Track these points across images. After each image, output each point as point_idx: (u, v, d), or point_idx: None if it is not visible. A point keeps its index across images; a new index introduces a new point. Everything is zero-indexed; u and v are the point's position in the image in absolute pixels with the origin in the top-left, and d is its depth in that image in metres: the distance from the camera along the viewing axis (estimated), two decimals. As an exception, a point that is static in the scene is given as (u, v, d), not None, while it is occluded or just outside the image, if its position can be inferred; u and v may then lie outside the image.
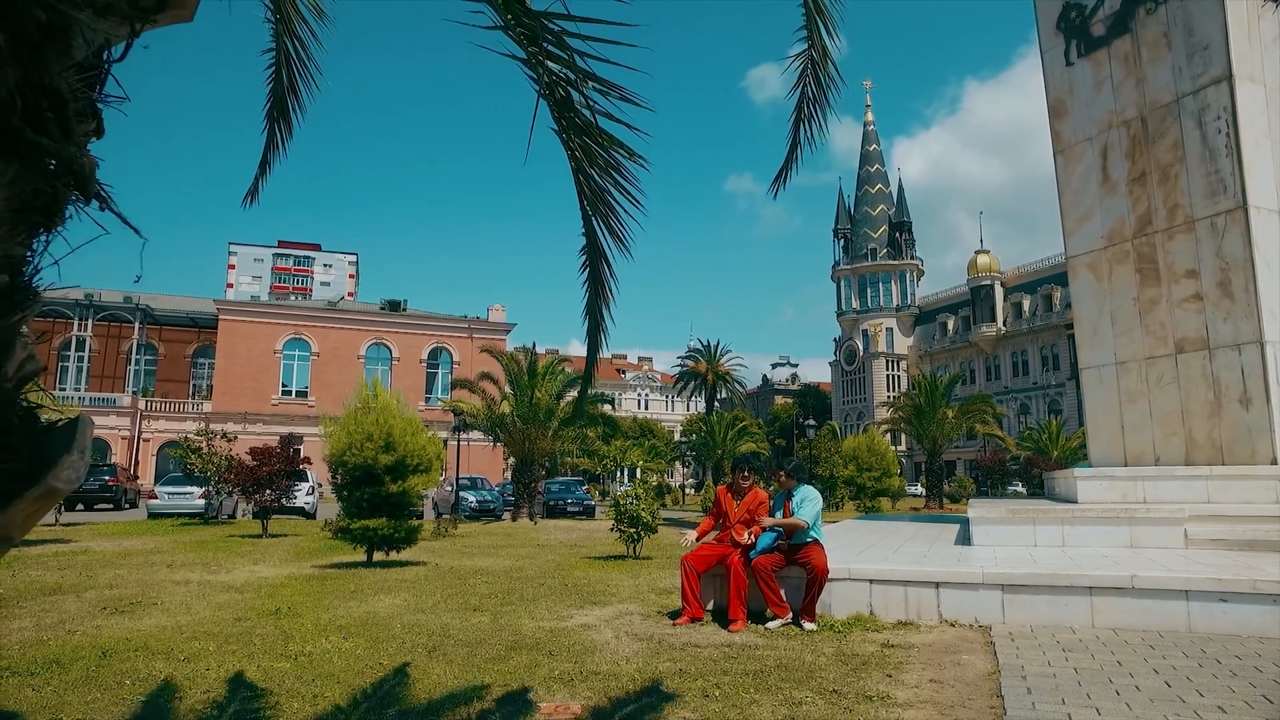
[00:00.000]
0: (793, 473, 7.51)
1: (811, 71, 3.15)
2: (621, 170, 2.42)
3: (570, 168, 2.53)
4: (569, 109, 2.33)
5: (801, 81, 3.18)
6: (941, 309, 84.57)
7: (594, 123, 2.32)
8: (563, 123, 2.39)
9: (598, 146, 2.39)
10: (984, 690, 4.69)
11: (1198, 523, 8.53)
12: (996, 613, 6.59)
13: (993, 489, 45.54)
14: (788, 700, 4.53)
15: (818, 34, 3.04)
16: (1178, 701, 4.26)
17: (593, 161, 2.45)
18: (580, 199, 2.60)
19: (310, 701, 4.60)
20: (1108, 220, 11.95)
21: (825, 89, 3.18)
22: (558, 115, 2.37)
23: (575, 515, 29.33)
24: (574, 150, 2.46)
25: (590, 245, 2.71)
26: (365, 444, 11.40)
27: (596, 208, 2.56)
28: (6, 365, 0.65)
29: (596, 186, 2.50)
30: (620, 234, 2.58)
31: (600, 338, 2.79)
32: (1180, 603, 6.11)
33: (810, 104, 3.23)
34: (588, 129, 2.36)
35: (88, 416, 0.74)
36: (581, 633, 6.60)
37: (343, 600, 8.50)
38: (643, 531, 12.62)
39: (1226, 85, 10.28)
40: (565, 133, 2.42)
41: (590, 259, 2.76)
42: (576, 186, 2.57)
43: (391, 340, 56.48)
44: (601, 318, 2.80)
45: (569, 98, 2.31)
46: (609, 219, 2.56)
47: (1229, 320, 10.22)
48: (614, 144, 2.37)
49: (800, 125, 3.27)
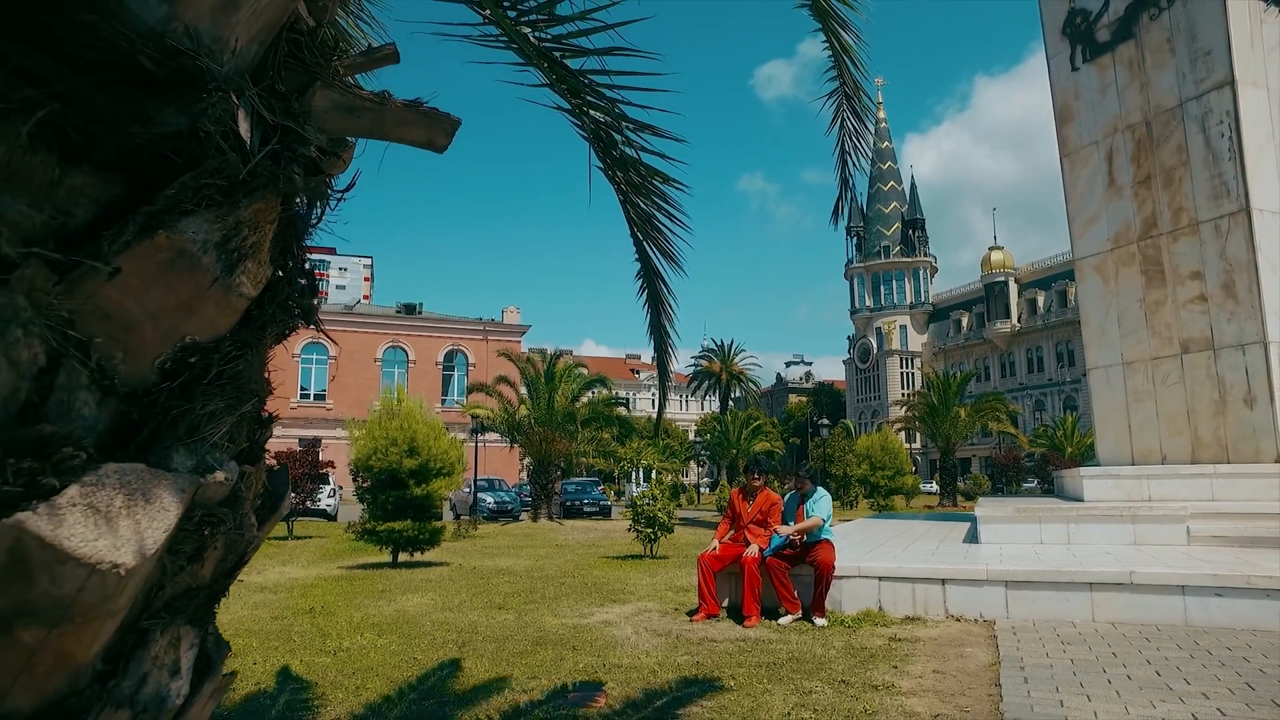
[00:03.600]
0: (810, 478, 7.91)
1: (847, 105, 3.33)
2: (664, 196, 2.74)
3: (618, 199, 2.84)
4: (612, 148, 2.65)
5: (838, 116, 3.32)
6: (955, 306, 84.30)
7: (635, 157, 2.64)
8: (607, 160, 2.70)
9: (640, 178, 2.70)
10: (984, 680, 4.97)
11: (1200, 520, 8.75)
12: (1000, 608, 6.86)
13: (1008, 486, 45.59)
14: (798, 690, 4.84)
15: (846, 70, 3.20)
16: (1165, 689, 4.53)
17: (637, 191, 2.76)
18: (630, 225, 2.92)
19: (353, 693, 4.94)
20: (1114, 223, 12.15)
21: (863, 118, 3.36)
22: (602, 154, 2.69)
23: (591, 515, 29.67)
24: (619, 184, 2.77)
25: (645, 267, 3.03)
26: (390, 449, 11.78)
27: (646, 232, 2.88)
28: (260, 463, 0.94)
29: (643, 213, 2.82)
30: (670, 253, 2.90)
31: (668, 353, 3.09)
32: (1177, 597, 6.37)
33: (852, 136, 3.39)
34: (630, 163, 2.67)
35: (285, 464, 1.05)
36: (603, 629, 6.92)
37: (373, 599, 8.87)
38: (659, 531, 12.94)
39: (1229, 90, 10.47)
40: (610, 169, 2.73)
41: (647, 279, 3.08)
42: (625, 215, 2.89)
43: (408, 343, 56.98)
44: (666, 334, 3.11)
45: (611, 139, 2.63)
46: (658, 240, 2.88)
47: (1233, 321, 10.42)
48: (654, 174, 2.68)
49: (846, 158, 3.42)
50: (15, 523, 0.57)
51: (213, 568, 0.85)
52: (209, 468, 0.79)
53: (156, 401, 0.74)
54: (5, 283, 0.60)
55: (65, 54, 0.61)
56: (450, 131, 1.03)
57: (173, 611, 0.78)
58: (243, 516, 0.87)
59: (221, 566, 0.87)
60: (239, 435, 0.87)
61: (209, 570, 0.84)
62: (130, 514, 0.64)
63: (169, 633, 0.79)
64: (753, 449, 45.67)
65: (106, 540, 0.61)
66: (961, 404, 39.71)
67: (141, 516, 0.65)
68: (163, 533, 0.66)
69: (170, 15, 0.68)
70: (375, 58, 1.05)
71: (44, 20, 0.60)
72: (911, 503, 37.44)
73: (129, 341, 0.70)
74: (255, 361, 0.87)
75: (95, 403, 0.69)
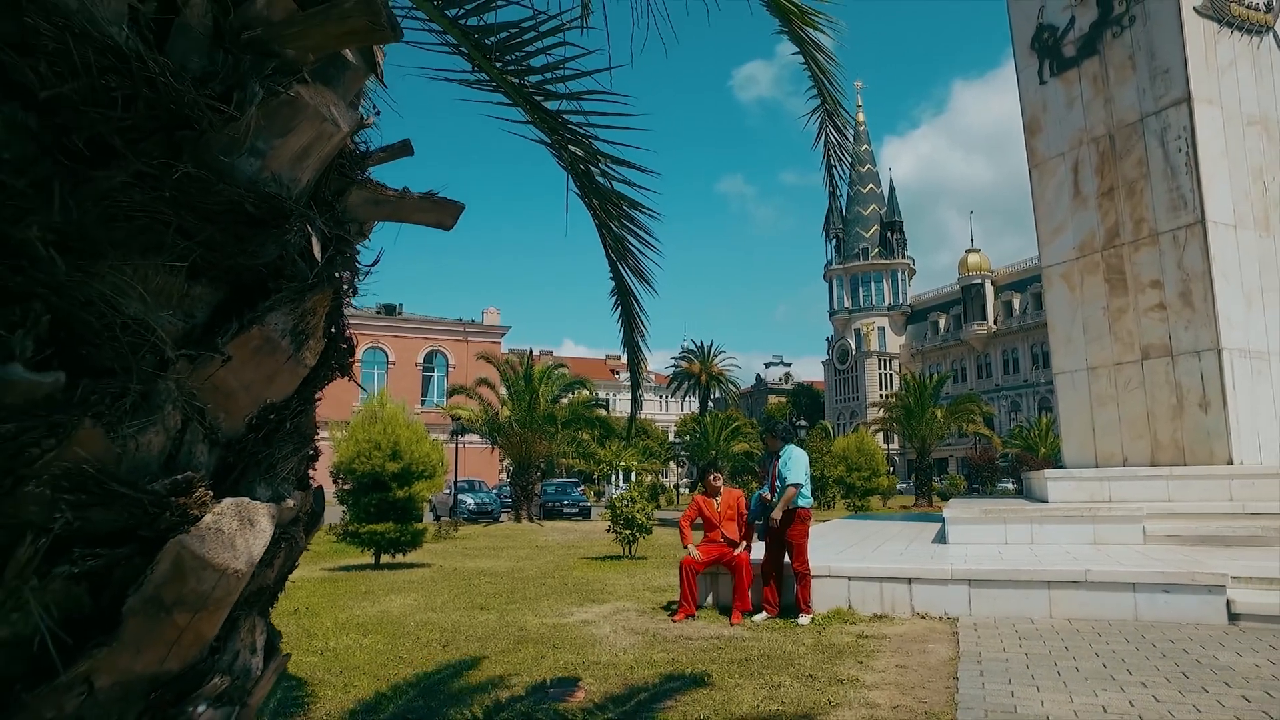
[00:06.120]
0: (778, 434, 7.76)
1: (830, 122, 3.61)
2: (636, 222, 3.00)
3: (595, 224, 3.10)
4: (589, 179, 2.91)
5: (822, 132, 3.60)
6: (933, 308, 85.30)
7: (610, 187, 2.90)
8: (584, 187, 2.96)
9: (614, 206, 2.96)
10: (943, 674, 5.27)
11: (1156, 520, 9.14)
12: (964, 606, 7.17)
13: (983, 486, 46.31)
14: (768, 684, 5.11)
15: (826, 90, 3.49)
16: (1109, 680, 4.85)
17: (612, 218, 3.02)
18: (605, 248, 3.18)
19: (342, 690, 5.16)
20: (1079, 232, 12.56)
21: (844, 131, 3.65)
22: (579, 184, 2.95)
23: (571, 516, 29.87)
24: (595, 210, 3.03)
25: (619, 286, 3.29)
26: (373, 452, 11.96)
27: (620, 254, 3.14)
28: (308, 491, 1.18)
29: (616, 236, 3.08)
30: (642, 273, 3.16)
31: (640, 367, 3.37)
32: (1128, 594, 6.71)
33: (836, 149, 3.69)
34: (605, 193, 2.93)
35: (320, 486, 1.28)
36: (582, 628, 7.16)
37: (356, 600, 9.05)
38: (638, 533, 13.20)
39: (1186, 107, 10.90)
40: (587, 196, 2.99)
41: (621, 298, 3.34)
42: (601, 238, 3.16)
43: (388, 344, 56.85)
44: (639, 349, 3.38)
45: (589, 171, 2.89)
46: (630, 261, 3.14)
47: (1190, 328, 10.85)
48: (625, 201, 2.94)
49: (832, 171, 3.73)
50: (177, 542, 0.83)
51: (276, 572, 1.08)
52: (281, 496, 1.02)
53: (245, 448, 0.98)
54: (163, 375, 0.84)
55: (200, 209, 0.85)
56: (456, 215, 1.27)
57: (250, 605, 1.02)
58: (299, 531, 1.11)
59: (282, 571, 1.11)
60: (299, 469, 1.11)
61: (274, 574, 1.08)
62: (242, 534, 0.88)
63: (248, 620, 1.03)
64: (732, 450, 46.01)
65: (229, 553, 0.86)
66: (937, 405, 40.29)
67: (249, 535, 0.89)
68: (261, 547, 0.90)
69: (262, 167, 0.92)
70: (394, 152, 1.29)
71: (193, 190, 0.84)
72: (888, 503, 37.94)
73: (228, 405, 0.94)
74: (310, 412, 1.11)
75: (207, 451, 0.93)
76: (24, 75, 0.71)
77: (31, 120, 0.73)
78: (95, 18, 0.74)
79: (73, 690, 0.77)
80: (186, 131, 0.82)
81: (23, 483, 0.72)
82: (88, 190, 0.77)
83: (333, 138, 0.99)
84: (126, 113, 0.77)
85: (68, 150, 0.75)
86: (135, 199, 0.79)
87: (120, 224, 0.79)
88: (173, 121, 0.81)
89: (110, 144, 0.77)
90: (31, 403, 0.72)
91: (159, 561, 0.81)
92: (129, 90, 0.76)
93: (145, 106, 0.78)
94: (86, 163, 0.76)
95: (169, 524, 0.82)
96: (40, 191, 0.73)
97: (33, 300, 0.73)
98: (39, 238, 0.72)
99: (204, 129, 0.83)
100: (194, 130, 0.83)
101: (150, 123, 0.79)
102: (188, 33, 0.85)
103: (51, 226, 0.74)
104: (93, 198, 0.77)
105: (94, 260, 0.78)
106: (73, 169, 0.76)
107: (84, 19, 0.73)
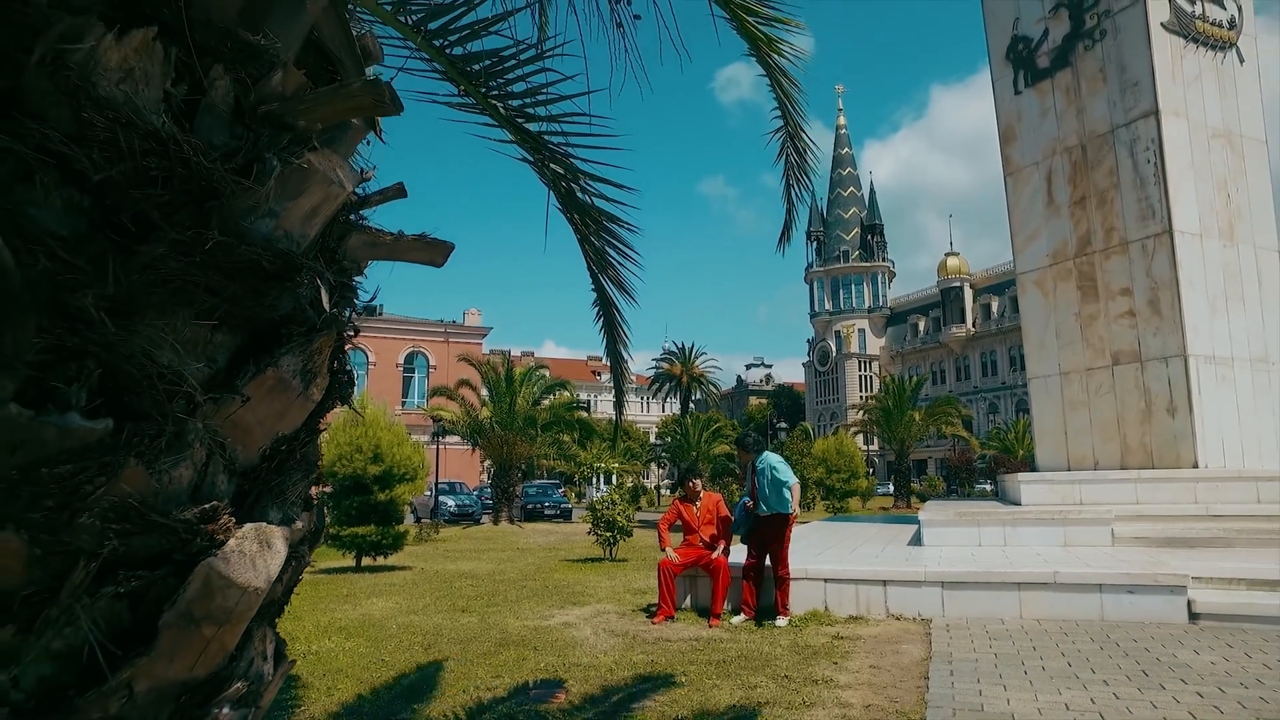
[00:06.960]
0: (749, 447, 7.86)
1: (790, 143, 3.79)
2: (615, 235, 3.13)
3: (576, 238, 3.23)
4: (570, 195, 3.03)
5: (784, 151, 3.79)
6: (912, 310, 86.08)
7: (590, 203, 3.02)
8: (565, 203, 3.08)
9: (594, 221, 3.09)
10: (915, 674, 5.43)
11: (1124, 522, 9.37)
12: (937, 607, 7.35)
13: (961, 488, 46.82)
14: (744, 685, 5.24)
15: (789, 113, 3.66)
16: (1073, 678, 5.03)
17: (592, 232, 3.15)
18: (587, 260, 3.31)
19: (326, 693, 5.23)
20: (1053, 240, 12.84)
21: (803, 154, 3.81)
22: (561, 200, 3.07)
23: (552, 518, 29.92)
24: (576, 225, 3.16)
25: (601, 297, 3.42)
26: (355, 455, 11.99)
27: (601, 265, 3.26)
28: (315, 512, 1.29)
29: (597, 249, 3.21)
30: (622, 284, 3.29)
31: (624, 375, 3.51)
32: (1095, 595, 6.91)
33: (795, 170, 3.87)
34: (585, 209, 3.05)
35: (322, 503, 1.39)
36: (563, 630, 7.27)
37: (338, 603, 9.10)
38: (618, 535, 13.31)
39: (1154, 119, 11.19)
40: (569, 211, 3.11)
41: (603, 308, 3.47)
42: (582, 251, 3.28)
43: (368, 345, 56.57)
44: (622, 358, 3.51)
45: (570, 188, 3.01)
46: (611, 273, 3.26)
47: (1158, 335, 11.13)
48: (605, 216, 3.07)
49: (791, 187, 3.90)
50: (207, 564, 0.94)
51: (284, 586, 1.19)
52: (291, 519, 1.14)
53: (259, 476, 1.09)
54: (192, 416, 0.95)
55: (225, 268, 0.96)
56: (446, 254, 1.39)
57: (262, 616, 1.13)
58: (306, 550, 1.22)
59: (289, 585, 1.22)
60: (305, 492, 1.22)
61: (282, 588, 1.19)
62: (261, 555, 0.99)
63: (260, 630, 1.14)
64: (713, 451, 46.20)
65: (251, 573, 0.97)
66: (916, 407, 40.75)
67: (268, 555, 1.00)
68: (278, 567, 1.01)
69: (276, 226, 1.03)
70: (388, 195, 1.41)
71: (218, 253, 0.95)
72: (867, 505, 38.30)
73: (245, 439, 1.06)
74: (316, 440, 1.23)
75: (226, 480, 1.04)
76: (80, 163, 0.82)
77: (86, 201, 0.84)
78: (138, 107, 0.85)
79: (116, 694, 0.88)
80: (214, 202, 0.93)
81: (78, 515, 0.83)
82: (134, 261, 0.88)
83: (339, 197, 1.11)
84: (164, 190, 0.88)
85: (115, 226, 0.86)
86: (172, 266, 0.90)
87: (158, 287, 0.90)
88: (202, 194, 0.92)
89: (149, 218, 0.88)
90: (86, 446, 0.83)
91: (191, 581, 0.93)
92: (166, 170, 0.87)
93: (179, 183, 0.89)
94: (131, 237, 0.87)
95: (199, 548, 0.94)
96: (95, 266, 0.84)
97: (86, 358, 0.84)
98: (92, 304, 0.83)
99: (228, 198, 0.94)
100: (219, 200, 0.94)
101: (183, 197, 0.90)
102: (213, 111, 0.96)
103: (104, 294, 0.85)
104: (138, 268, 0.88)
105: (135, 319, 0.89)
106: (120, 243, 0.87)
107: (130, 109, 0.84)
